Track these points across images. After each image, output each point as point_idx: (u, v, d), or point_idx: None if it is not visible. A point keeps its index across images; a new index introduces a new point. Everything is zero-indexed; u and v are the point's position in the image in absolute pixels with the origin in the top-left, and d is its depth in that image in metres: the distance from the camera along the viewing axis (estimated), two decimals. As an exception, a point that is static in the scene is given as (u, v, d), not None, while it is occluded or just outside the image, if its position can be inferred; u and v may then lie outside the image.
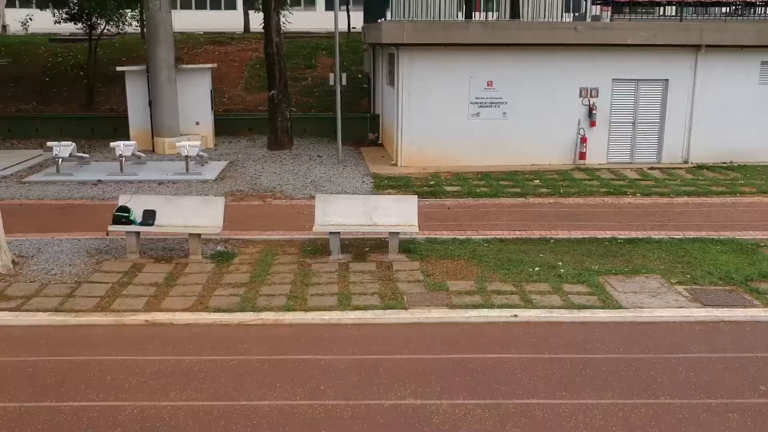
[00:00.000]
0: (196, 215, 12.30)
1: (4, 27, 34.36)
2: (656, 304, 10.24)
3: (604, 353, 8.80)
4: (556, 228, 14.07)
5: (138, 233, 12.20)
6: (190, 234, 12.15)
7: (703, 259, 12.18)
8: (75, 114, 24.92)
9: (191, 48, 28.56)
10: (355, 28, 34.36)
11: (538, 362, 8.53)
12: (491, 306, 10.12)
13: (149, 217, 12.24)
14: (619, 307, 10.14)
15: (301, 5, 43.55)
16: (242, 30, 37.68)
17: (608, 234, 13.61)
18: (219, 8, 48.22)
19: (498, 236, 13.46)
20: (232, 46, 29.28)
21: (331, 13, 21.20)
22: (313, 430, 7.08)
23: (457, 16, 23.38)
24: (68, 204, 16.10)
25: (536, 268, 11.66)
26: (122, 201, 12.43)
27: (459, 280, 11.13)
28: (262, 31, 22.39)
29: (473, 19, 24.41)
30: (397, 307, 10.06)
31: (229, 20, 44.80)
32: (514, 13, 26.66)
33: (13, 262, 11.61)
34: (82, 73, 26.97)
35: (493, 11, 35.37)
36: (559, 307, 10.10)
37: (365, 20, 26.44)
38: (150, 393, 7.80)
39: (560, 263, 11.92)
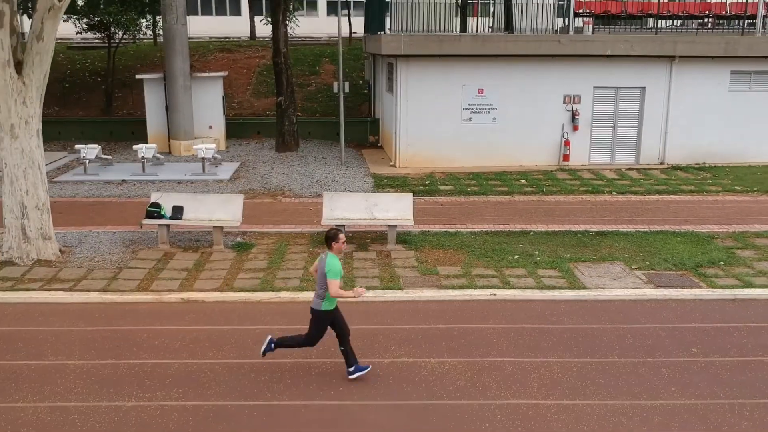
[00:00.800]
0: (218, 210, 14.05)
1: (23, 35, 36.01)
2: (616, 286, 11.99)
3: (567, 324, 10.54)
4: (535, 222, 15.81)
5: (168, 226, 13.94)
6: (214, 227, 13.89)
7: (663, 248, 13.93)
8: (95, 118, 26.65)
9: (201, 55, 30.27)
10: (356, 33, 36.04)
11: (510, 331, 10.27)
12: (474, 287, 11.86)
13: (177, 212, 13.97)
14: (584, 287, 11.89)
15: (303, 10, 45.16)
16: (248, 35, 39.45)
17: (582, 227, 15.36)
18: (224, 14, 49.82)
19: (484, 229, 15.20)
20: (240, 54, 31.02)
21: (333, 18, 22.74)
22: (326, 379, 8.81)
23: (453, 27, 25.15)
24: (98, 201, 17.82)
25: (515, 256, 13.41)
26: (154, 198, 14.18)
27: (448, 266, 12.88)
28: (267, 37, 24.10)
29: (469, 26, 26.17)
30: (395, 288, 11.80)
31: (235, 26, 46.58)
32: (509, 20, 28.52)
33: (60, 251, 13.35)
34: (99, 79, 28.70)
35: (489, 16, 37.38)
36: (532, 288, 11.85)
37: (366, 30, 28.16)
38: (191, 354, 9.54)
39: (537, 252, 13.66)
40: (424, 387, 8.64)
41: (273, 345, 8.88)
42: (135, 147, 20.53)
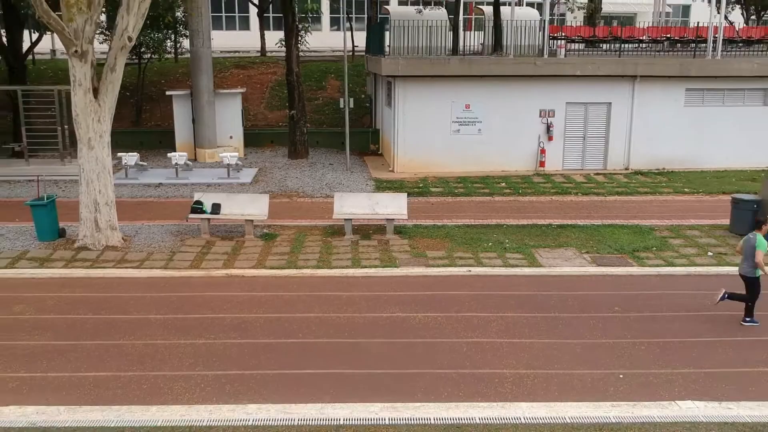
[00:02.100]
0: (248, 207, 17.31)
1: (53, 51, 39.29)
2: (566, 265, 15.24)
3: (523, 291, 13.78)
4: (509, 217, 19.06)
5: (209, 220, 17.19)
6: (246, 220, 17.14)
7: (609, 237, 17.18)
8: (127, 129, 29.89)
9: (219, 72, 33.51)
10: (357, 46, 39.21)
11: (480, 296, 13.51)
12: (454, 265, 15.11)
13: (216, 208, 17.23)
14: (540, 266, 15.14)
15: (308, 24, 48.41)
16: (257, 48, 42.67)
17: (546, 221, 18.61)
18: (234, 29, 53.05)
19: (466, 223, 18.45)
20: (254, 70, 34.31)
21: (335, 32, 25.59)
22: (340, 328, 12.04)
23: (446, 45, 28.49)
24: (142, 201, 21.07)
25: (489, 244, 16.65)
26: (197, 197, 17.44)
27: (434, 251, 16.12)
28: (276, 51, 27.24)
29: (461, 41, 29.34)
30: (391, 266, 15.05)
31: (246, 40, 49.79)
32: (498, 38, 31.95)
33: (123, 239, 16.59)
34: (128, 93, 31.95)
35: (482, 30, 40.89)
36: (500, 266, 15.10)
37: (367, 50, 31.45)
38: (239, 311, 12.77)
39: (507, 240, 16.92)
40: (413, 331, 11.87)
41: (726, 296, 12.20)
42: (169, 155, 23.79)
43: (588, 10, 42.12)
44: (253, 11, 48.84)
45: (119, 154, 23.75)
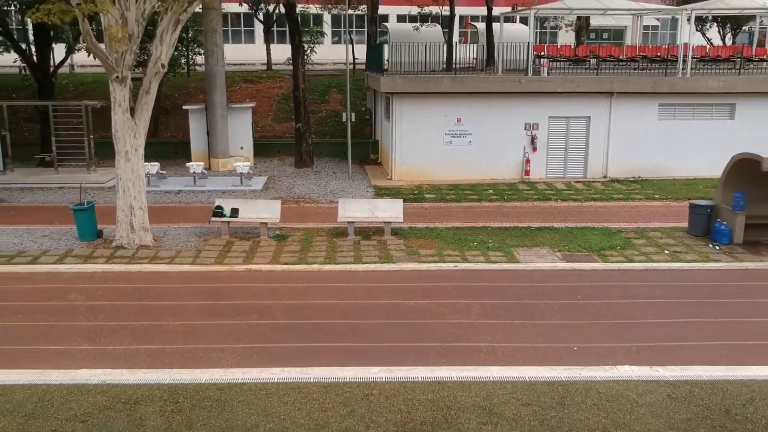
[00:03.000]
0: (263, 211, 19.67)
1: (72, 66, 41.68)
2: (539, 261, 17.60)
3: (501, 283, 16.13)
4: (494, 221, 21.42)
5: (228, 222, 19.54)
6: (261, 223, 19.50)
7: (580, 238, 19.54)
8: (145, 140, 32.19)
9: (229, 86, 35.82)
10: (358, 59, 41.59)
11: (464, 287, 15.85)
12: (443, 261, 17.47)
13: (234, 212, 19.58)
14: (518, 262, 17.50)
15: (312, 45, 50.88)
16: (261, 60, 45.15)
17: (526, 224, 20.97)
18: (240, 42, 55.49)
19: (455, 225, 20.81)
20: (261, 84, 36.71)
21: (337, 45, 27.80)
22: (345, 312, 14.38)
23: (441, 61, 30.92)
24: (164, 206, 23.41)
25: (475, 243, 19.01)
26: (217, 202, 19.81)
27: (426, 249, 18.48)
28: (282, 63, 29.58)
29: (455, 56, 31.76)
30: (389, 262, 17.40)
31: (251, 53, 52.22)
32: (490, 53, 34.45)
33: (153, 239, 18.94)
34: (145, 106, 34.31)
35: (476, 42, 43.38)
36: (482, 262, 17.45)
37: (367, 67, 33.86)
38: (259, 298, 15.10)
39: (490, 241, 19.28)
40: (406, 314, 14.22)
41: None
42: (187, 165, 26.17)
43: (576, 26, 44.73)
44: (258, 26, 51.39)
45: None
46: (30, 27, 30.31)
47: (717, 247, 18.84)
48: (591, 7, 29.39)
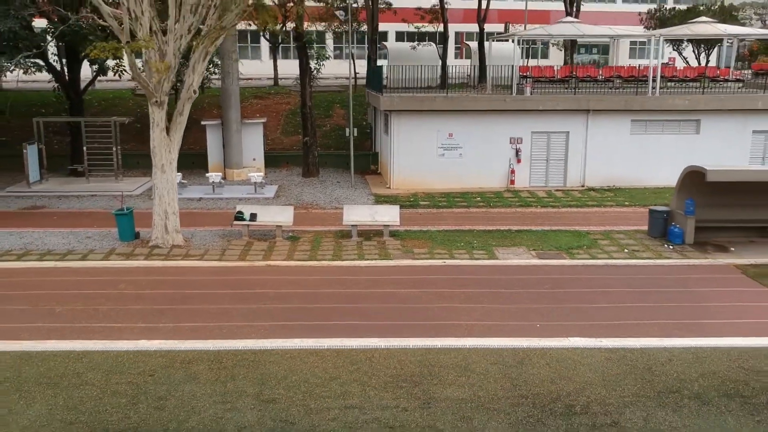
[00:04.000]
0: (278, 216, 22.66)
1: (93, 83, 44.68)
2: (516, 258, 20.58)
3: (481, 276, 19.11)
4: (479, 224, 24.41)
5: (248, 225, 22.53)
6: (276, 226, 22.49)
7: (553, 239, 22.53)
8: (163, 151, 35.20)
9: (240, 102, 38.91)
10: (358, 73, 44.58)
11: (450, 279, 18.83)
12: (434, 258, 20.46)
13: (253, 217, 22.57)
14: (497, 258, 20.49)
15: (318, 67, 54.00)
16: (269, 76, 48.25)
17: (507, 227, 23.95)
18: (247, 57, 58.59)
19: (445, 228, 23.81)
20: (270, 100, 39.77)
21: (339, 60, 30.84)
22: (350, 299, 17.35)
23: (436, 78, 33.97)
24: (188, 212, 26.35)
25: (461, 243, 22.01)
26: (238, 208, 22.81)
27: (419, 248, 21.47)
28: (285, 78, 32.59)
29: (450, 72, 34.84)
30: (387, 259, 20.39)
31: (258, 68, 55.36)
32: (483, 70, 37.54)
33: (184, 240, 21.91)
34: (163, 120, 37.33)
35: (470, 57, 46.68)
36: (467, 259, 20.44)
37: (367, 85, 36.92)
38: (278, 287, 18.07)
39: (475, 241, 22.27)
40: (401, 300, 17.21)
41: None
42: (207, 175, 29.19)
43: (562, 44, 47.86)
44: (264, 42, 54.53)
45: (166, 173, 29.02)
46: (58, 48, 33.30)
47: (670, 247, 21.84)
48: (569, 33, 32.47)
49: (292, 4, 31.86)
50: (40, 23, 31.76)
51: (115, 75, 33.93)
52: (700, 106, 30.70)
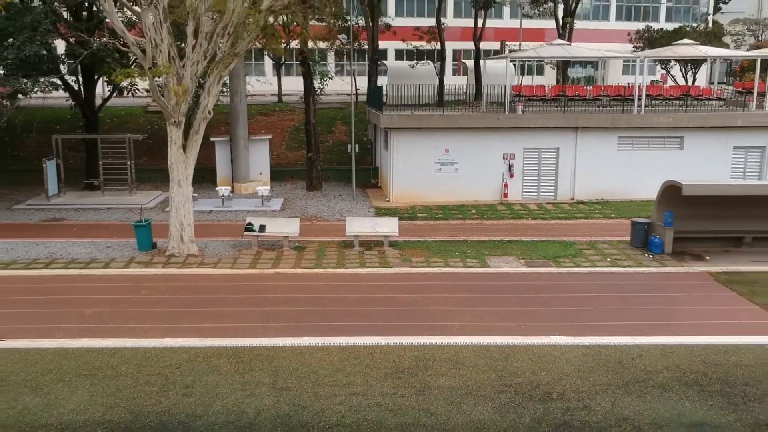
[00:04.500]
0: (285, 227, 24.33)
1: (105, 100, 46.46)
2: (506, 266, 22.24)
3: (474, 282, 20.75)
4: (473, 235, 26.08)
5: (258, 236, 24.20)
6: (283, 236, 24.15)
7: (541, 249, 24.19)
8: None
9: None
10: (359, 89, 46.25)
11: (445, 285, 20.46)
12: (430, 266, 22.12)
13: (262, 228, 24.24)
14: (489, 266, 22.15)
15: (321, 87, 55.87)
16: (272, 92, 50.05)
17: (499, 238, 25.61)
18: (251, 74, 60.39)
19: (441, 239, 25.47)
20: (275, 117, 41.56)
21: (340, 77, 32.85)
22: (353, 302, 18.98)
23: (433, 96, 35.73)
24: (200, 223, 27.96)
25: (456, 253, 23.67)
26: (248, 219, 24.49)
27: (417, 257, 23.13)
28: (290, 95, 34.36)
29: (446, 86, 36.56)
30: (387, 267, 22.05)
31: (261, 85, 57.21)
32: (478, 88, 39.33)
33: (198, 249, 23.57)
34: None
35: (467, 75, 48.60)
36: (461, 267, 22.10)
37: (368, 103, 38.71)
38: (287, 293, 19.71)
39: (469, 251, 23.93)
40: (400, 304, 18.84)
41: None
42: (217, 189, 30.90)
43: (556, 63, 49.71)
44: (267, 60, 56.38)
45: (178, 187, 30.70)
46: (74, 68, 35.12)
47: (650, 256, 23.50)
48: (559, 55, 34.27)
49: (296, 24, 33.66)
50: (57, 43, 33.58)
51: (128, 94, 35.70)
52: (684, 123, 32.45)
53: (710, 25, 63.84)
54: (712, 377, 14.31)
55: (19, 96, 28.62)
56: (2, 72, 29.05)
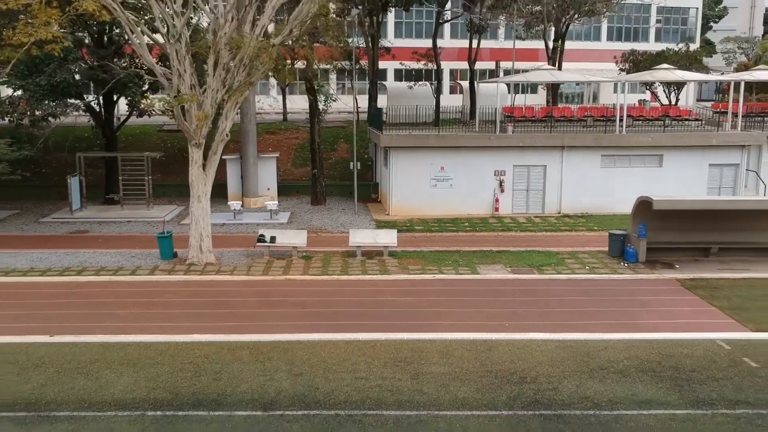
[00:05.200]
0: (294, 238, 26.76)
1: (118, 119, 49.01)
2: (494, 273, 24.65)
3: (465, 287, 23.14)
4: (465, 245, 28.49)
5: (269, 246, 26.62)
6: (292, 247, 26.57)
7: (527, 258, 26.60)
8: (184, 181, 39.29)
9: (254, 136, 43.14)
10: (360, 107, 48.76)
11: (439, 289, 22.85)
12: (425, 273, 24.52)
13: (273, 239, 26.67)
14: (478, 274, 24.55)
15: (326, 107, 58.44)
16: (277, 110, 52.62)
17: (489, 248, 28.03)
18: (256, 93, 62.95)
19: (436, 249, 27.89)
20: (281, 135, 44.09)
21: (341, 95, 35.39)
22: (357, 304, 21.36)
23: (431, 114, 38.23)
24: (214, 235, 30.25)
25: (449, 261, 26.08)
26: (260, 232, 26.92)
27: (414, 266, 25.53)
28: (294, 117, 36.91)
29: (445, 109, 39.09)
30: (387, 274, 24.46)
31: (267, 101, 59.79)
32: (473, 107, 41.82)
33: (215, 259, 25.97)
34: (185, 154, 41.52)
35: (463, 94, 51.18)
36: (453, 274, 24.50)
37: (368, 121, 41.26)
38: (298, 296, 22.10)
39: (461, 260, 26.34)
40: (398, 306, 21.23)
41: None
42: (229, 203, 33.37)
43: (546, 86, 52.32)
44: (273, 80, 58.99)
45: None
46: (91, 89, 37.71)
47: (625, 264, 25.90)
48: (546, 79, 36.85)
49: (301, 47, 36.23)
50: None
51: (145, 115, 38.20)
52: (663, 142, 34.96)
53: (698, 44, 66.54)
54: (664, 365, 16.69)
55: (50, 119, 31.08)
56: (30, 96, 31.60)
